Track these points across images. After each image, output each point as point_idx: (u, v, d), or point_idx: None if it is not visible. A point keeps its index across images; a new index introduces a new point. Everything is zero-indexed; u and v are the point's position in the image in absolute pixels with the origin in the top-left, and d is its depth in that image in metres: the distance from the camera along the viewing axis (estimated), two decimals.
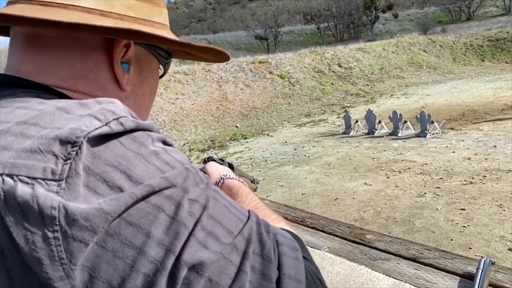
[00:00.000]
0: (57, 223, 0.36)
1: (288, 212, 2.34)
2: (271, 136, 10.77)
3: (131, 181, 0.39)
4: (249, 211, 0.47)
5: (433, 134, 8.26)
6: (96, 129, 0.39)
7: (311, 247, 1.83)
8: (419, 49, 23.07)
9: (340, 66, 18.66)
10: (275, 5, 62.03)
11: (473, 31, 27.71)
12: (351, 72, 18.35)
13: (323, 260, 1.67)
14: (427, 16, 47.03)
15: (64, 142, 0.38)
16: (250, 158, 8.49)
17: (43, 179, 0.37)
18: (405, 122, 8.78)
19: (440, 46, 24.06)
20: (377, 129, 9.09)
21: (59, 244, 0.36)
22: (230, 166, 1.05)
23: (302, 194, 5.78)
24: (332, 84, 17.15)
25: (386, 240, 1.87)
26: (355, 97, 15.94)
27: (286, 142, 9.72)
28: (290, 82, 16.26)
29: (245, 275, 0.40)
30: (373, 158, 7.16)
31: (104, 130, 0.40)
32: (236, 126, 12.50)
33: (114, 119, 0.42)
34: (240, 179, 0.78)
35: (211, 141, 10.77)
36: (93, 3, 0.51)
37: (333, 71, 18.20)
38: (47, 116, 0.42)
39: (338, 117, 11.80)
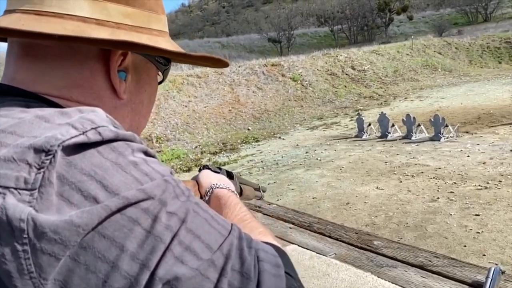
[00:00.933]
0: (26, 235, 0.35)
1: (295, 217, 2.32)
2: (283, 139, 10.74)
3: (107, 192, 0.38)
4: (232, 225, 0.46)
5: (447, 138, 8.13)
6: (72, 137, 0.39)
7: (317, 252, 1.81)
8: (434, 51, 22.78)
9: (354, 69, 18.53)
10: (288, 8, 62.04)
11: (490, 33, 27.25)
12: (365, 75, 18.22)
13: (329, 267, 1.65)
14: (442, 17, 46.44)
15: (38, 150, 0.38)
16: (261, 161, 8.48)
17: (15, 188, 0.36)
18: (419, 125, 8.66)
19: (455, 48, 23.72)
20: (390, 133, 9.00)
21: (28, 257, 0.35)
22: (229, 174, 1.02)
23: (313, 198, 5.74)
24: (345, 86, 17.04)
25: (394, 247, 1.84)
26: (368, 100, 15.81)
27: (298, 145, 9.68)
28: (303, 85, 16.21)
29: None
30: (385, 162, 7.08)
31: (81, 139, 0.39)
32: (248, 129, 12.51)
33: (92, 128, 0.41)
34: (230, 188, 0.76)
35: (222, 143, 10.79)
36: (89, 12, 0.51)
37: (346, 74, 18.10)
38: (25, 125, 0.41)
39: (351, 120, 11.71)
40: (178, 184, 0.44)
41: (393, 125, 9.10)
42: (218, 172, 0.88)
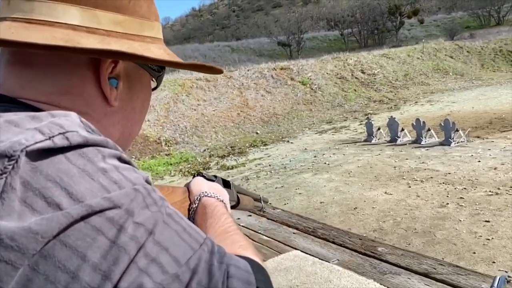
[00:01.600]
0: None
1: (299, 222, 2.31)
2: (291, 143, 10.72)
3: (71, 199, 0.37)
4: (205, 238, 0.44)
5: (457, 143, 8.03)
6: (36, 142, 0.38)
7: (320, 258, 1.80)
8: (446, 55, 22.57)
9: (363, 73, 18.45)
10: (298, 12, 62.07)
11: (503, 36, 26.91)
12: (375, 79, 18.11)
13: (331, 273, 1.64)
14: (454, 21, 46.02)
15: (1, 156, 0.37)
16: (269, 165, 8.46)
17: None
18: (429, 130, 8.57)
19: (467, 52, 23.47)
20: (399, 137, 8.92)
21: None
22: (226, 183, 1.00)
23: (321, 203, 5.71)
24: (354, 90, 16.96)
25: (398, 254, 1.82)
26: (378, 104, 15.71)
27: (306, 149, 9.65)
28: (312, 89, 16.18)
29: None
30: (394, 167, 7.01)
31: (47, 144, 0.39)
32: (256, 133, 12.51)
33: (60, 133, 0.40)
34: (219, 197, 0.75)
35: (231, 147, 10.80)
36: (79, 20, 0.51)
37: (356, 78, 18.02)
38: None
39: (360, 124, 11.64)
40: (150, 193, 0.42)
41: (402, 130, 9.02)
42: (213, 180, 0.87)
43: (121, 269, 0.36)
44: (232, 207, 1.04)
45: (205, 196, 0.74)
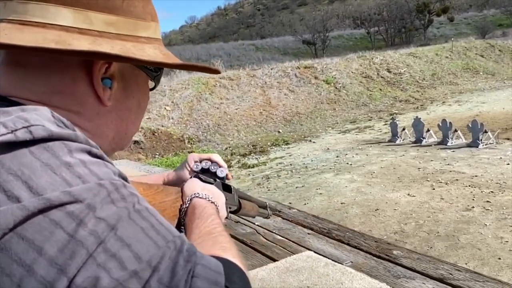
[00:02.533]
0: None
1: (315, 223, 2.29)
2: (314, 142, 10.64)
3: (31, 192, 0.37)
4: (176, 236, 0.44)
5: (486, 144, 7.78)
6: None
7: (333, 260, 1.78)
8: (476, 54, 21.88)
9: (389, 72, 18.11)
10: (324, 10, 61.51)
11: None
12: (401, 78, 17.75)
13: (343, 275, 1.61)
14: (486, 19, 44.56)
15: None
16: (290, 164, 8.43)
17: None
18: (456, 131, 8.34)
19: (499, 50, 22.67)
20: (425, 138, 8.71)
21: None
22: (227, 187, 0.98)
23: (341, 203, 5.64)
24: (380, 90, 16.68)
25: (414, 257, 1.77)
26: (404, 104, 15.40)
27: (328, 149, 9.56)
28: (336, 88, 16.01)
29: None
30: (418, 168, 6.86)
31: (8, 137, 0.39)
32: (279, 132, 12.48)
33: (24, 127, 0.41)
34: (211, 199, 0.74)
35: (252, 146, 10.82)
36: (71, 22, 0.52)
37: (381, 77, 17.70)
38: None
39: (385, 124, 11.44)
40: (119, 188, 0.42)
41: (428, 130, 8.81)
42: (211, 183, 0.86)
43: (78, 263, 0.36)
44: (233, 212, 1.02)
45: (196, 197, 0.73)
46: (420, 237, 4.36)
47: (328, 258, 1.79)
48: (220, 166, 0.92)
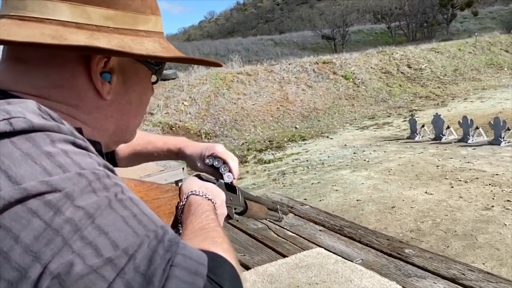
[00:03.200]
0: None
1: (327, 219, 2.28)
2: (331, 138, 10.56)
3: (10, 181, 0.38)
4: (159, 226, 0.43)
5: (508, 142, 7.57)
6: None
7: (343, 257, 1.77)
8: (501, 49, 21.26)
9: (410, 67, 17.78)
10: (344, 4, 60.73)
11: None
12: (422, 74, 17.42)
13: (352, 273, 1.61)
14: None
15: None
16: (307, 160, 8.39)
17: None
18: (477, 128, 8.14)
19: None
20: (445, 135, 8.54)
21: None
22: (232, 188, 0.97)
23: (357, 200, 5.60)
24: (400, 85, 16.40)
25: (426, 256, 1.75)
26: (424, 100, 15.12)
27: (346, 145, 9.47)
28: (355, 83, 15.82)
29: None
30: (437, 166, 6.74)
31: None
32: (295, 127, 12.43)
33: (4, 119, 0.42)
34: (208, 196, 0.75)
35: (269, 141, 10.81)
36: (69, 16, 0.52)
37: (401, 72, 17.40)
38: None
39: (404, 120, 11.26)
40: (101, 178, 0.42)
41: (448, 127, 8.63)
42: (214, 183, 0.85)
43: (53, 250, 0.37)
44: (239, 213, 1.02)
45: (193, 194, 0.74)
46: (437, 235, 4.29)
47: (339, 255, 1.79)
48: (230, 171, 0.91)
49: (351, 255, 1.81)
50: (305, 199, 5.90)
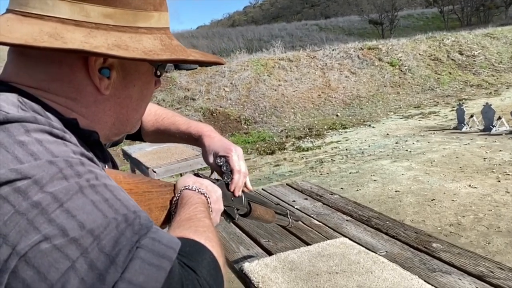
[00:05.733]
0: None
1: (355, 210, 2.26)
2: (373, 127, 10.30)
3: None
4: (131, 211, 0.44)
5: None
6: None
7: (367, 248, 1.76)
8: None
9: (461, 54, 16.86)
10: None
11: None
12: (474, 61, 16.47)
13: (374, 264, 1.59)
14: None
15: None
16: (346, 149, 8.26)
17: None
18: None
19: None
20: (495, 126, 8.08)
21: None
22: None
23: (396, 191, 5.46)
24: (449, 73, 15.62)
25: (454, 252, 1.71)
26: (475, 89, 14.33)
27: (388, 134, 9.21)
28: (401, 70, 15.24)
29: (75, 272, 0.38)
30: (484, 158, 6.41)
31: None
32: (337, 115, 12.21)
33: None
34: (201, 190, 0.76)
35: (308, 129, 10.70)
36: (68, 14, 0.54)
37: (452, 59, 16.54)
38: None
39: (452, 110, 10.76)
40: (73, 166, 0.44)
41: (499, 118, 8.15)
42: (214, 183, 0.86)
43: (20, 232, 0.39)
44: (243, 215, 1.03)
45: (186, 189, 0.74)
46: (478, 231, 4.12)
47: (363, 246, 1.78)
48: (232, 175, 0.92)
49: (375, 247, 1.80)
50: (342, 188, 5.84)
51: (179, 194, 0.74)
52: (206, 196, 0.74)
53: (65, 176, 0.43)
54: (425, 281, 1.46)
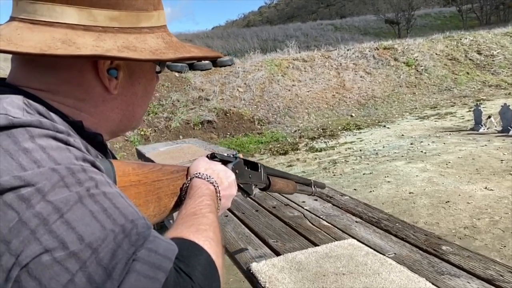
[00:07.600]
0: None
1: (365, 211, 2.25)
2: (388, 128, 10.20)
3: None
4: (130, 220, 0.45)
5: None
6: None
7: (376, 250, 1.75)
8: None
9: (480, 54, 16.55)
10: None
11: None
12: (493, 61, 16.15)
13: (382, 266, 1.59)
14: None
15: None
16: (360, 150, 8.20)
17: None
18: None
19: None
20: None
21: None
22: (254, 165, 1.00)
23: (410, 193, 5.41)
24: (467, 73, 15.36)
25: (464, 255, 1.69)
26: (494, 89, 14.05)
27: (403, 135, 9.12)
28: (417, 70, 15.05)
29: (74, 285, 0.39)
30: (501, 160, 6.29)
31: None
32: (351, 116, 12.13)
33: None
34: (210, 179, 0.76)
35: (322, 129, 10.66)
36: (76, 19, 0.56)
37: (470, 59, 16.26)
38: None
39: (469, 111, 10.59)
40: (76, 173, 0.45)
41: None
42: (230, 161, 0.87)
43: (23, 242, 0.40)
44: (263, 189, 1.06)
45: (196, 177, 0.74)
46: (494, 234, 4.05)
47: (371, 248, 1.77)
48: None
49: (384, 248, 1.79)
50: (355, 189, 5.80)
51: (189, 182, 0.74)
52: (215, 185, 0.74)
53: (66, 184, 0.43)
54: (432, 283, 1.46)
